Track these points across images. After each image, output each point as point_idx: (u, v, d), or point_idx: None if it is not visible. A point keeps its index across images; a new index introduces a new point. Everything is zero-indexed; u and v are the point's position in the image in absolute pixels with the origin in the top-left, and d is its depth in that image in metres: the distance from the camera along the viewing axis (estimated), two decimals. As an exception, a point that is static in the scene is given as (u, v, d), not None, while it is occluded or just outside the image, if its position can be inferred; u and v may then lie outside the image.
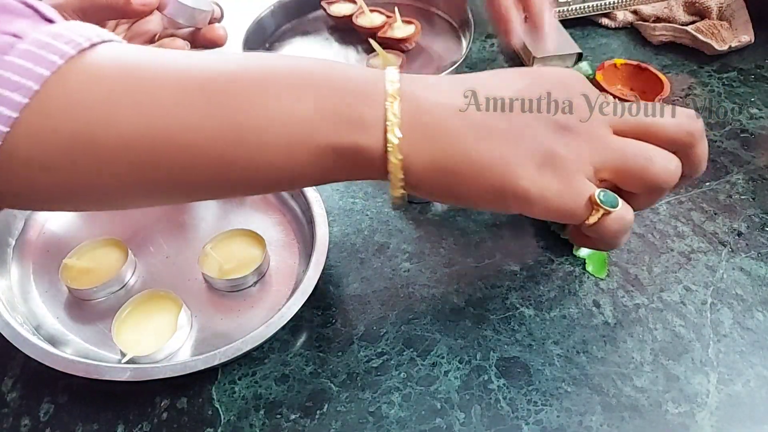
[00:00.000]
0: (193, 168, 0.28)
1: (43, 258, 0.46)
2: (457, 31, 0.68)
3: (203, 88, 0.28)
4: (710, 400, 0.36)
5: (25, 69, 0.25)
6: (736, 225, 0.46)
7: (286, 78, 0.29)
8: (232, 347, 0.37)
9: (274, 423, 0.37)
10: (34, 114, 0.26)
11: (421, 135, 0.29)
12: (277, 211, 0.49)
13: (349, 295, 0.43)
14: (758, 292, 0.41)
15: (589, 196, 0.30)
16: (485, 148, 0.29)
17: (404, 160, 0.29)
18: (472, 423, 0.36)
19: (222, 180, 0.29)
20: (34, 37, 0.26)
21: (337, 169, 0.30)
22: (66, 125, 0.26)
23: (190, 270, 0.45)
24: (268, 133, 0.28)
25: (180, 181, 0.29)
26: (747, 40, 0.61)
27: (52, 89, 0.26)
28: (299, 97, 0.28)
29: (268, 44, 0.70)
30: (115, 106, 0.27)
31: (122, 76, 0.27)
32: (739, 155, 0.52)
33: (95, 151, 0.27)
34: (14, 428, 0.37)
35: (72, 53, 0.27)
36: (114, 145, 0.27)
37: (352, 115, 0.29)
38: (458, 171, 0.29)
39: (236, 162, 0.28)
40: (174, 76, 0.28)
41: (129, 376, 0.36)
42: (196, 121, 0.27)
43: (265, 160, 0.29)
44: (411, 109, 0.29)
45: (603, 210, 0.31)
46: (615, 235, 0.32)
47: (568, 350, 0.39)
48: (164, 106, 0.27)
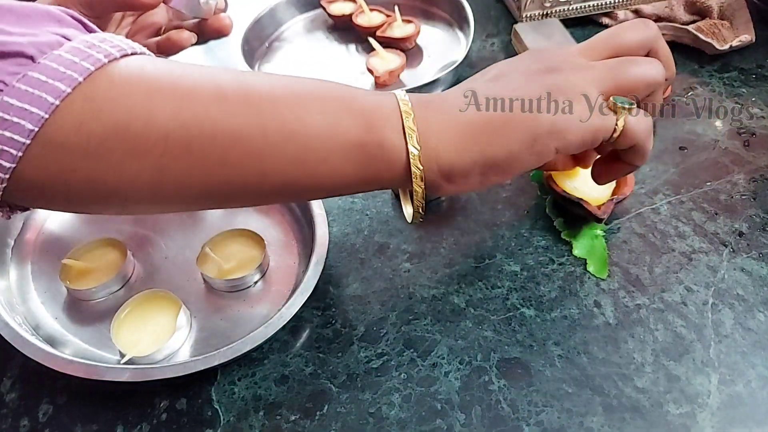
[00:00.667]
0: (225, 162, 0.29)
1: (42, 258, 0.46)
2: (457, 30, 0.68)
3: (238, 92, 0.30)
4: (711, 401, 0.36)
5: (72, 62, 0.27)
6: (737, 225, 0.46)
7: (311, 92, 0.31)
8: (232, 348, 0.37)
9: (273, 424, 0.36)
10: (77, 102, 0.27)
11: (437, 122, 0.32)
12: (276, 211, 0.49)
13: (349, 296, 0.43)
14: (759, 293, 0.41)
15: (606, 104, 0.33)
16: (505, 108, 0.32)
17: (425, 149, 0.31)
18: (473, 424, 0.36)
19: (252, 182, 0.31)
20: (83, 38, 0.28)
21: (364, 170, 0.32)
22: (108, 114, 0.27)
23: (189, 270, 0.45)
24: (299, 128, 0.30)
25: (210, 176, 0.30)
26: (748, 39, 0.61)
27: (96, 82, 0.27)
28: (329, 103, 0.31)
29: (268, 44, 0.70)
30: (155, 100, 0.28)
31: (164, 77, 0.29)
32: (740, 155, 0.52)
33: (133, 141, 0.28)
34: (13, 429, 0.37)
35: (116, 55, 0.29)
36: (151, 137, 0.28)
37: (374, 115, 0.31)
38: (483, 135, 0.32)
39: (266, 157, 0.30)
40: (211, 81, 0.30)
41: (128, 376, 0.36)
42: (232, 121, 0.29)
43: (294, 155, 0.30)
44: (422, 105, 0.32)
45: (625, 109, 0.33)
46: (645, 135, 0.34)
47: (569, 351, 0.39)
48: (202, 104, 0.29)
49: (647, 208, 0.48)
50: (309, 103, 0.31)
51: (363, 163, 0.31)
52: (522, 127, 0.31)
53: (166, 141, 0.28)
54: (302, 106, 0.30)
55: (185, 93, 0.29)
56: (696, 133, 0.54)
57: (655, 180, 0.50)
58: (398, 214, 0.49)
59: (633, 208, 0.48)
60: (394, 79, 0.61)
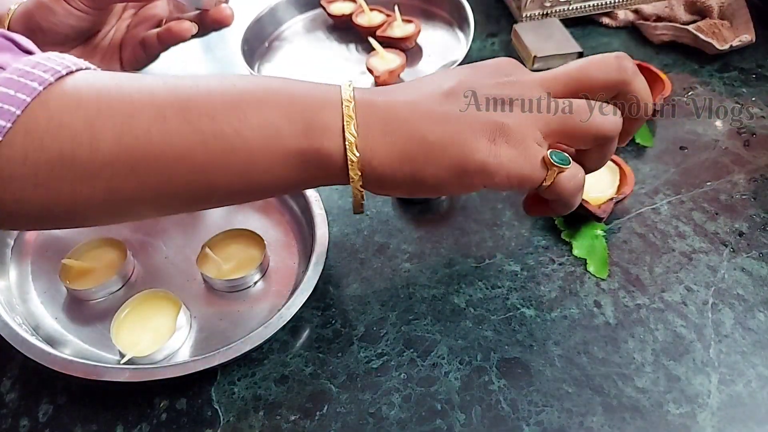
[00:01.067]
0: (171, 179, 0.30)
1: (41, 258, 0.46)
2: (457, 30, 0.68)
3: (177, 109, 0.30)
4: (711, 401, 0.36)
5: (8, 96, 0.27)
6: (737, 225, 0.46)
7: (253, 94, 0.31)
8: (232, 348, 0.37)
9: (273, 424, 0.36)
10: (19, 135, 0.27)
11: (377, 131, 0.31)
12: (276, 212, 0.48)
13: (349, 296, 0.43)
14: (760, 293, 0.41)
15: (542, 157, 0.32)
16: (440, 131, 0.31)
17: (362, 157, 0.31)
18: (473, 424, 0.36)
19: (201, 194, 0.31)
20: (15, 67, 0.28)
21: (306, 174, 0.32)
22: (51, 145, 0.28)
23: (189, 270, 0.45)
24: (238, 143, 0.30)
25: (160, 193, 0.30)
26: (748, 39, 0.61)
27: (35, 112, 0.28)
28: (267, 111, 0.31)
29: (268, 43, 0.70)
30: (96, 127, 0.28)
31: (101, 99, 0.29)
32: (741, 155, 0.52)
33: (81, 169, 0.28)
34: (13, 429, 0.37)
35: (51, 80, 0.29)
36: (97, 163, 0.28)
37: (314, 120, 0.31)
38: (418, 157, 0.31)
39: (210, 171, 0.30)
40: (149, 98, 0.30)
41: (128, 376, 0.36)
42: (173, 141, 0.29)
43: (237, 168, 0.30)
44: (365, 108, 0.32)
45: (557, 168, 0.32)
46: (571, 192, 0.34)
47: (569, 351, 0.39)
48: (143, 127, 0.29)
49: (647, 208, 0.48)
50: (248, 113, 0.30)
51: (305, 169, 0.31)
52: (455, 158, 0.31)
53: (112, 166, 0.29)
54: (241, 119, 0.30)
55: (125, 116, 0.29)
56: (696, 133, 0.54)
57: (655, 180, 0.50)
58: (398, 214, 0.49)
59: (633, 208, 0.48)
60: (394, 78, 0.61)
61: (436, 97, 0.32)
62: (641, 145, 0.53)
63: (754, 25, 0.63)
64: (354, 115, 0.31)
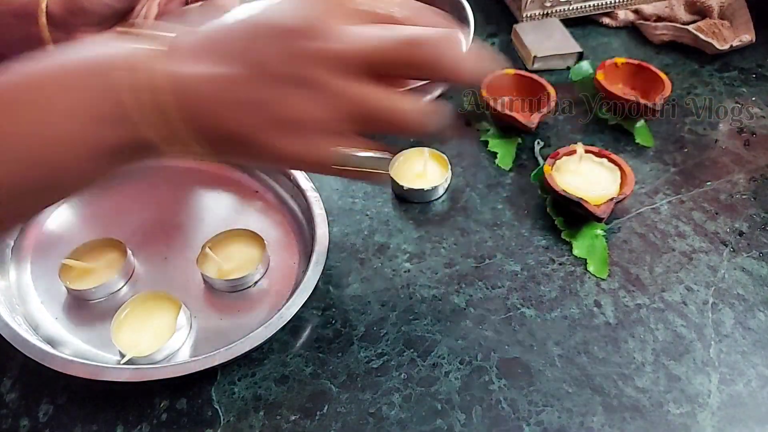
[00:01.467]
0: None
1: (42, 258, 0.46)
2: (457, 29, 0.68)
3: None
4: (712, 401, 0.36)
5: None
6: (737, 225, 0.46)
7: (57, 92, 0.29)
8: (232, 348, 0.37)
9: (273, 424, 0.36)
10: None
11: None
12: (276, 211, 0.48)
13: (349, 296, 0.43)
14: (760, 292, 0.41)
15: (331, 158, 0.31)
16: (235, 124, 0.29)
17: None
18: (473, 424, 0.36)
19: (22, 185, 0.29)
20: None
21: (121, 162, 0.30)
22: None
23: (189, 270, 0.44)
24: (49, 160, 0.29)
25: None
26: (748, 39, 0.61)
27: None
28: (74, 110, 0.28)
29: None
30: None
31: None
32: (741, 155, 0.52)
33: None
34: (13, 429, 0.37)
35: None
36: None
37: None
38: (217, 142, 0.30)
39: (24, 167, 0.29)
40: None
41: (128, 376, 0.36)
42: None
43: (47, 188, 0.29)
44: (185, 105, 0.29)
45: (347, 170, 0.31)
46: None
47: (569, 351, 0.39)
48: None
49: (647, 208, 0.48)
50: (56, 113, 0.29)
51: (121, 160, 0.30)
52: (249, 153, 0.30)
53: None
54: (48, 121, 0.28)
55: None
56: (696, 133, 0.54)
57: (655, 180, 0.50)
58: (398, 214, 0.49)
59: (633, 207, 0.48)
60: (394, 79, 0.61)
61: (239, 77, 0.29)
62: (641, 145, 0.53)
63: (754, 25, 0.63)
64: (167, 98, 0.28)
